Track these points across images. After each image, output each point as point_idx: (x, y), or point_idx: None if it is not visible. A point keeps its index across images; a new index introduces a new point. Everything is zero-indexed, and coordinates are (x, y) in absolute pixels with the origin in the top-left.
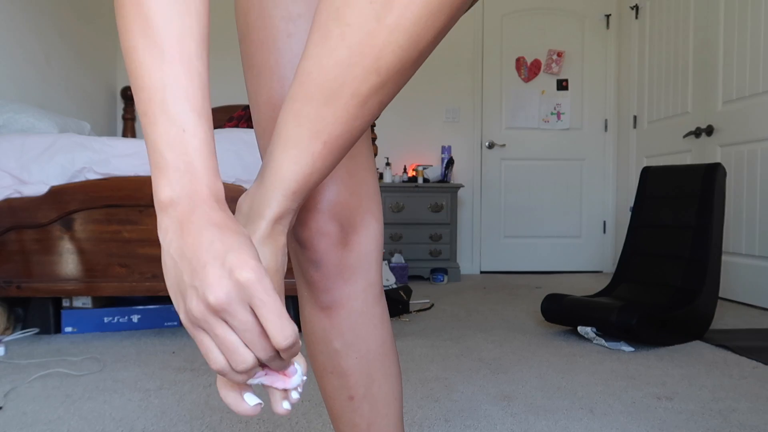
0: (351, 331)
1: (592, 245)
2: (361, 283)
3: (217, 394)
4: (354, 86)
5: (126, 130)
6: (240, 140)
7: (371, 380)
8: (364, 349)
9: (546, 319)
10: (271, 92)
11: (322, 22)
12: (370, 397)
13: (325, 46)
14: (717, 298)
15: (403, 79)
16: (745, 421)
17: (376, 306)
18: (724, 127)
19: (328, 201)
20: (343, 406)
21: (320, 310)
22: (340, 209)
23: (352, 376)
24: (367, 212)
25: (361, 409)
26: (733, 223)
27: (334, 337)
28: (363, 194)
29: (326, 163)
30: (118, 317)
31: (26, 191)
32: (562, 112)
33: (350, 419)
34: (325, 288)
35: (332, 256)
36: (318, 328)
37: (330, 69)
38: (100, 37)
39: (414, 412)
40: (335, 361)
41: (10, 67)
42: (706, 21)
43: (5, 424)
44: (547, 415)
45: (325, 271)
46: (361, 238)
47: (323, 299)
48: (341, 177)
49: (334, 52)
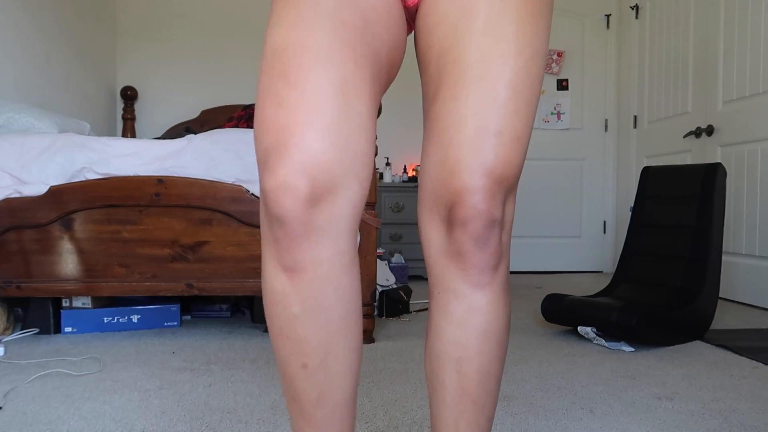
0: (312, 298)
1: (592, 245)
2: (329, 249)
3: (217, 394)
4: (465, 418)
5: (126, 130)
6: (240, 140)
7: (328, 352)
8: (324, 319)
9: (546, 319)
10: (276, 39)
11: (429, 382)
12: (325, 367)
13: (437, 398)
14: (717, 298)
15: (492, 396)
16: (745, 421)
17: (344, 276)
18: (724, 127)
19: (301, 151)
20: (296, 372)
21: (282, 271)
22: (314, 163)
23: (308, 344)
24: (350, 172)
25: (315, 378)
26: (733, 223)
27: (293, 302)
28: (348, 151)
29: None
30: (117, 317)
31: (26, 191)
32: (562, 112)
33: (301, 386)
34: (287, 248)
35: (298, 213)
36: (278, 289)
37: (444, 412)
38: (101, 37)
39: (414, 412)
40: (292, 326)
41: (11, 66)
42: (706, 21)
43: (5, 424)
44: (547, 415)
45: (289, 229)
46: (337, 199)
47: (286, 260)
48: (324, 125)
49: (442, 400)
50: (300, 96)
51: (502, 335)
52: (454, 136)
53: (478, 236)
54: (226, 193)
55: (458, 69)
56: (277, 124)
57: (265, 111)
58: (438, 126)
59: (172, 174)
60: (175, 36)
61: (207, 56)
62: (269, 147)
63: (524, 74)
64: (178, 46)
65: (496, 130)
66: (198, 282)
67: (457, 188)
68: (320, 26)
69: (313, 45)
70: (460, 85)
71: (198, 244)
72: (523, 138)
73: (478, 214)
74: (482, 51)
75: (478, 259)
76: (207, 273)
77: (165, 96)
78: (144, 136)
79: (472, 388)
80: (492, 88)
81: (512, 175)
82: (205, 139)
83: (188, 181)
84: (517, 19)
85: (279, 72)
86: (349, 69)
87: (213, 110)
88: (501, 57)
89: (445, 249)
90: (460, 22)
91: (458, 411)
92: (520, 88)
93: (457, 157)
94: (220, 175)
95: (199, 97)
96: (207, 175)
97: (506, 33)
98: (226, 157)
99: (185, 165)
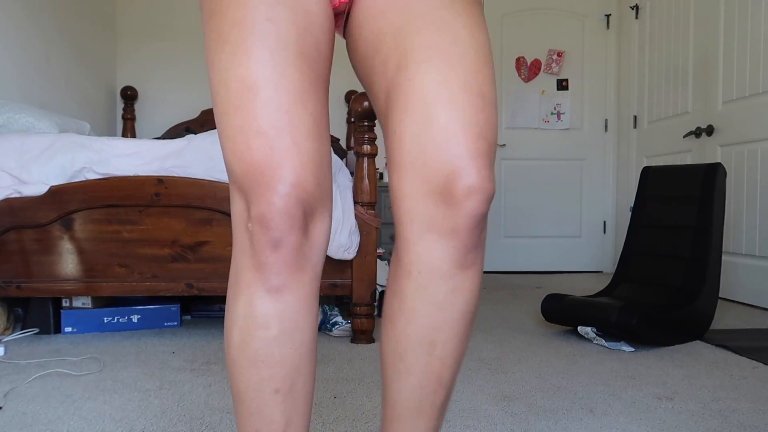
0: (291, 320)
1: (592, 245)
2: (310, 273)
3: (218, 394)
4: (430, 399)
5: (126, 130)
6: None
7: (298, 374)
8: (299, 341)
9: (546, 319)
10: (247, 72)
11: (390, 362)
12: (294, 392)
13: (401, 380)
14: (717, 298)
15: (456, 375)
16: (745, 421)
17: (315, 300)
18: (724, 127)
19: (297, 185)
20: (266, 400)
21: (266, 292)
22: (306, 196)
23: (282, 367)
24: (325, 206)
25: (284, 404)
26: (733, 223)
27: (273, 324)
28: (325, 188)
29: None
30: (117, 317)
31: (26, 191)
32: (562, 112)
33: (270, 415)
34: (278, 270)
35: (293, 239)
36: (259, 312)
37: (409, 394)
38: (101, 37)
39: None
40: (269, 349)
41: (11, 66)
42: (706, 21)
43: (5, 424)
44: (547, 415)
45: (284, 253)
46: (317, 229)
47: (273, 281)
48: (312, 165)
49: (408, 383)
50: (288, 139)
51: (473, 316)
52: (439, 93)
53: (478, 212)
54: (226, 193)
55: (427, 37)
56: (272, 162)
57: (253, 152)
58: (412, 89)
59: (172, 174)
60: (175, 36)
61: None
62: (263, 183)
63: (487, 49)
64: (178, 46)
65: (479, 91)
66: (198, 282)
67: (455, 153)
68: (290, 63)
69: (288, 85)
70: (435, 48)
71: (198, 244)
72: (496, 106)
73: (481, 185)
74: (447, 23)
75: (472, 236)
76: (207, 273)
77: (165, 96)
78: (144, 136)
79: (444, 371)
80: (466, 53)
81: (496, 143)
82: (205, 139)
83: (188, 181)
84: (469, 4)
85: (261, 113)
86: (319, 106)
87: (211, 111)
88: (465, 27)
89: (436, 225)
90: (414, 2)
91: (425, 394)
92: (488, 60)
93: (447, 117)
94: (220, 175)
95: (199, 97)
96: (207, 175)
97: (464, 8)
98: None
99: (185, 165)
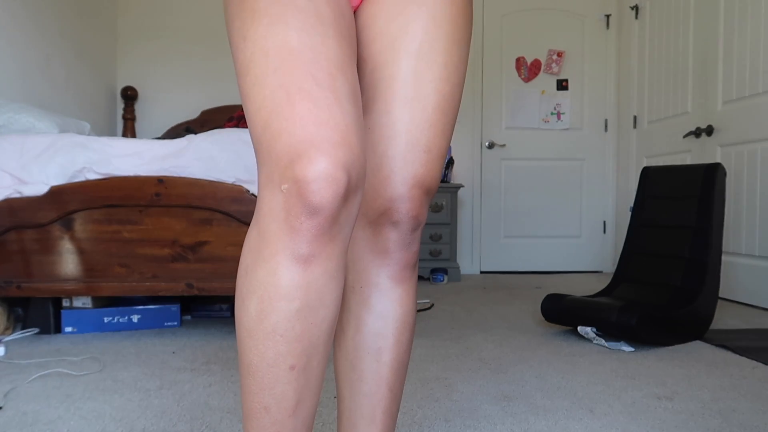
0: (317, 293)
1: (592, 245)
2: (340, 246)
3: (218, 394)
4: (381, 406)
5: (126, 130)
6: (240, 140)
7: (316, 351)
8: (321, 316)
9: (546, 319)
10: (287, 38)
11: (343, 372)
12: (309, 370)
13: (353, 388)
14: (717, 298)
15: (403, 382)
16: (745, 421)
17: (342, 275)
18: (724, 127)
19: (344, 146)
20: (279, 376)
21: (294, 262)
22: (354, 159)
23: (300, 343)
24: (363, 178)
25: (298, 382)
26: (733, 223)
27: (298, 295)
28: (364, 159)
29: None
30: (118, 317)
31: (26, 191)
32: (562, 112)
33: (282, 391)
34: (311, 238)
35: (334, 206)
36: (284, 282)
37: (362, 402)
38: (101, 37)
39: (414, 412)
40: (290, 323)
41: (11, 66)
42: (706, 21)
43: (5, 424)
44: (547, 415)
45: (321, 220)
46: (354, 201)
47: (303, 249)
48: (356, 129)
49: (360, 390)
50: (332, 98)
51: (413, 326)
52: (389, 149)
53: (405, 237)
54: (227, 193)
55: (394, 87)
56: (317, 119)
57: (296, 106)
58: (373, 136)
59: (172, 174)
60: (175, 36)
61: (207, 56)
62: (305, 140)
63: (450, 98)
64: (178, 46)
65: (425, 147)
66: (198, 282)
67: (391, 196)
68: (329, 35)
69: (329, 52)
70: (395, 102)
71: (198, 244)
72: (445, 155)
73: (408, 218)
74: (416, 73)
75: (401, 256)
76: (207, 273)
77: (165, 96)
78: (144, 136)
79: (390, 376)
80: (423, 109)
81: (436, 186)
82: (206, 139)
83: (188, 181)
84: (447, 49)
85: (303, 72)
86: (355, 82)
87: (213, 110)
88: (431, 81)
89: (371, 247)
90: (397, 42)
91: (376, 400)
92: (446, 111)
93: (391, 168)
94: (220, 175)
95: (199, 97)
96: (207, 175)
97: (438, 60)
98: (226, 157)
99: (185, 165)
